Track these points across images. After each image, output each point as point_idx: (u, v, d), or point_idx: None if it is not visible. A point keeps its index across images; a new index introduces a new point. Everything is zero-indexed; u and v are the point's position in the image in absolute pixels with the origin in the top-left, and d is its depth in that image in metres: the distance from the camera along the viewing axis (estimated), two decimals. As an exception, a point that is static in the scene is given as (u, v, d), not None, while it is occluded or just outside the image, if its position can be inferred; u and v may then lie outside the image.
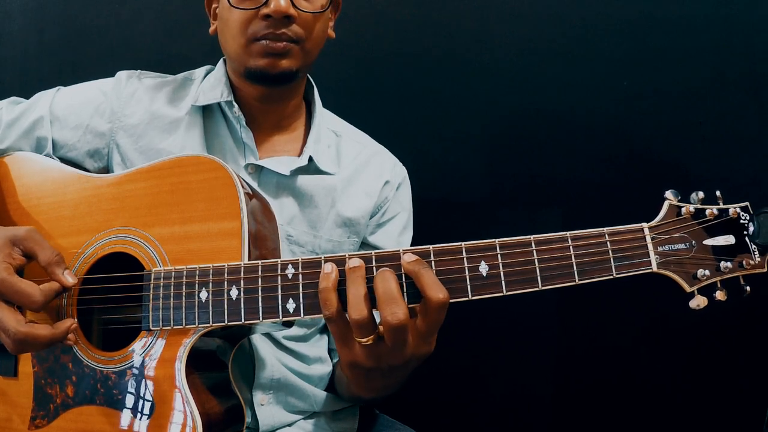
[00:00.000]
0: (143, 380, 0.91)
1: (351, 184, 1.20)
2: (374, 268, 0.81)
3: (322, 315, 0.82)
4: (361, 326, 0.80)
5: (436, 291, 0.78)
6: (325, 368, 1.20)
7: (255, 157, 1.15)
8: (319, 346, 1.22)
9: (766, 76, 1.52)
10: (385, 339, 0.80)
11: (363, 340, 0.81)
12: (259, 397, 1.11)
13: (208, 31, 1.18)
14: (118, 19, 1.70)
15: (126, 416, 0.91)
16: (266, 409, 1.11)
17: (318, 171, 1.17)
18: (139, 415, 0.90)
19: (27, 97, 1.21)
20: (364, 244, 1.24)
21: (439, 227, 1.40)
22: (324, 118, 1.25)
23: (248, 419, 1.05)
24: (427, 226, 1.33)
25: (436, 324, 0.80)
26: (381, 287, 0.79)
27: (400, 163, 1.30)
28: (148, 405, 0.90)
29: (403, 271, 0.81)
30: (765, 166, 1.51)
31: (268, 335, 1.12)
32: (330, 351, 1.25)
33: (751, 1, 1.52)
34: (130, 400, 0.91)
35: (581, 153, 1.59)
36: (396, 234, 1.25)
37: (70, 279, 0.93)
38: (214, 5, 1.17)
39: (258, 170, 1.14)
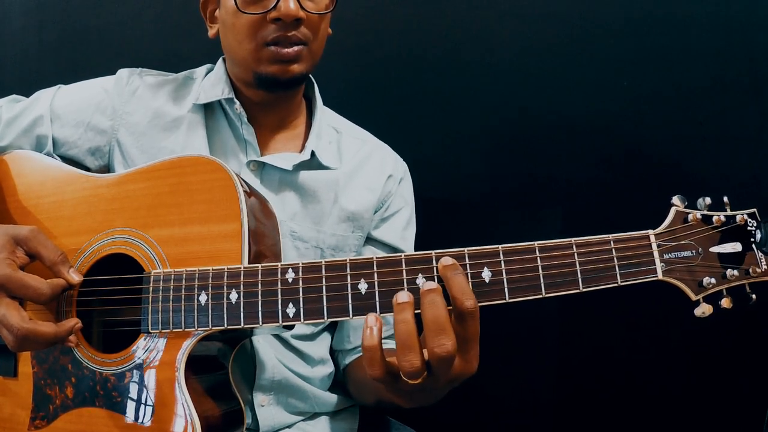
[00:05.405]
0: (142, 382, 0.91)
1: (353, 179, 1.20)
2: (375, 273, 0.79)
3: (322, 321, 0.80)
4: (412, 375, 0.73)
5: (464, 298, 0.73)
6: (326, 370, 1.20)
7: (257, 153, 1.14)
8: (323, 346, 1.22)
9: (766, 76, 1.51)
10: (432, 368, 0.74)
11: (413, 382, 0.74)
12: (259, 399, 1.11)
13: (208, 31, 1.17)
14: (118, 19, 1.70)
15: (125, 418, 0.91)
16: (266, 410, 1.11)
17: (320, 166, 1.17)
18: (138, 417, 0.90)
19: (27, 97, 1.20)
20: (369, 239, 1.24)
21: (440, 227, 1.40)
22: (324, 115, 1.25)
23: (248, 420, 1.05)
24: (427, 226, 1.33)
25: (473, 335, 0.75)
26: (430, 314, 0.73)
27: (401, 158, 1.31)
28: (147, 407, 0.90)
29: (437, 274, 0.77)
30: (765, 166, 1.50)
31: (276, 335, 1.12)
32: (336, 352, 1.25)
33: (751, 1, 1.52)
34: (129, 403, 0.91)
35: (581, 153, 1.58)
36: (400, 228, 1.25)
37: (75, 277, 0.94)
38: (210, 8, 1.16)
39: (260, 167, 1.14)
